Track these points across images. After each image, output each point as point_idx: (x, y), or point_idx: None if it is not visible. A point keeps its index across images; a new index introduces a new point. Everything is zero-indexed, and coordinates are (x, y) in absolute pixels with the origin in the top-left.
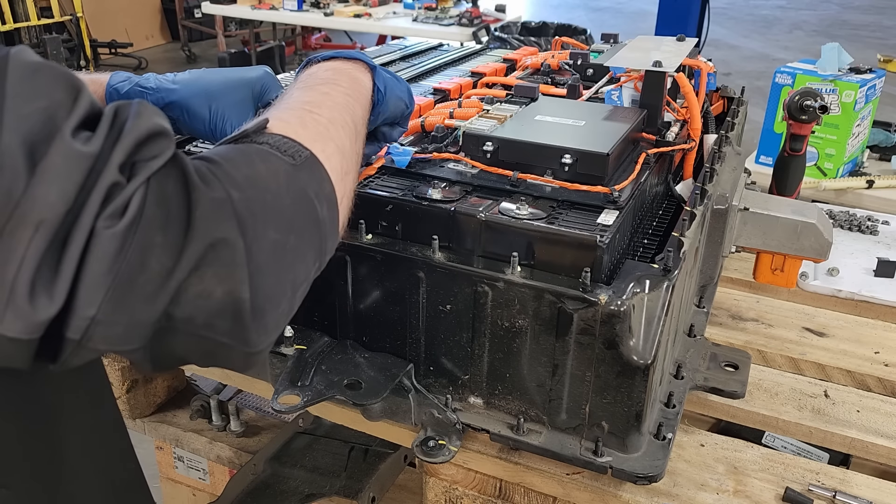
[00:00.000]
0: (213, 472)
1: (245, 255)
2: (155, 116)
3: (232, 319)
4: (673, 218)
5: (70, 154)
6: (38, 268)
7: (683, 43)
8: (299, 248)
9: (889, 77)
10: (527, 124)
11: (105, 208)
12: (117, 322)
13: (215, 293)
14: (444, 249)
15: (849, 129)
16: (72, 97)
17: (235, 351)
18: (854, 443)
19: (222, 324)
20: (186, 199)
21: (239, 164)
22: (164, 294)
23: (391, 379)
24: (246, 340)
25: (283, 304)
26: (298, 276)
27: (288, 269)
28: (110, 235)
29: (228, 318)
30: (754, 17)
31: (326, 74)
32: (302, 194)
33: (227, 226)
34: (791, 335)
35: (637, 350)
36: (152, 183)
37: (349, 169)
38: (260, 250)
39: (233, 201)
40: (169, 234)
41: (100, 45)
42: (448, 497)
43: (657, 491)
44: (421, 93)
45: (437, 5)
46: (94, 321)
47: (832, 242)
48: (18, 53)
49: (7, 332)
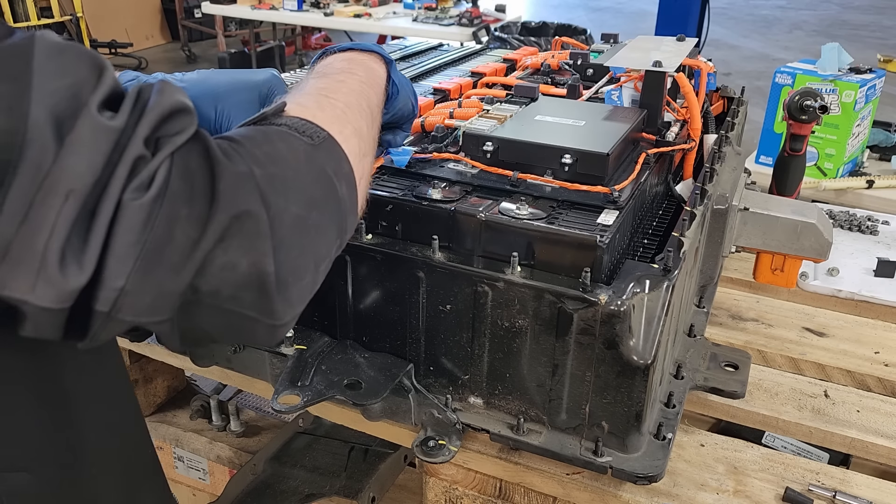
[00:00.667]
0: (213, 472)
1: (269, 228)
2: (177, 94)
3: (257, 291)
4: (673, 218)
5: (97, 127)
6: (69, 237)
7: (683, 43)
8: (321, 223)
9: (889, 77)
10: (527, 124)
11: (131, 181)
12: (145, 292)
13: (240, 265)
14: (444, 249)
15: (849, 129)
16: (96, 75)
17: (261, 324)
18: (854, 443)
19: (248, 296)
20: (210, 172)
21: (259, 142)
22: (190, 265)
23: (391, 379)
24: (271, 312)
25: (307, 278)
26: (321, 251)
27: (311, 244)
28: (137, 206)
29: (254, 291)
30: (754, 17)
31: (342, 64)
32: (321, 172)
33: (251, 198)
34: (791, 335)
35: (637, 350)
36: (176, 157)
37: (366, 151)
38: (282, 224)
39: (255, 176)
40: (194, 207)
41: (100, 45)
42: (448, 497)
43: (657, 491)
44: (421, 93)
45: (437, 5)
46: (123, 292)
47: (832, 242)
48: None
49: (39, 302)
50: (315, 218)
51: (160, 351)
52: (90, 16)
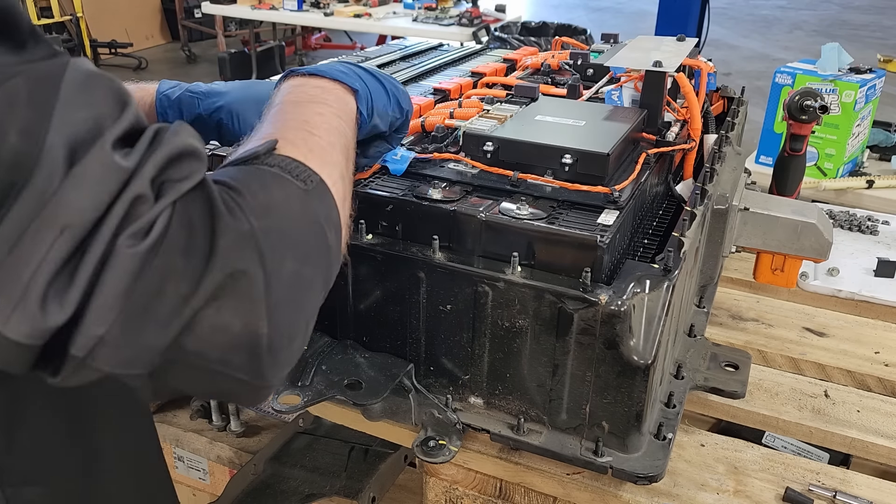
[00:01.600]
0: (213, 472)
1: (264, 288)
2: (191, 137)
3: (248, 355)
4: (673, 218)
5: (107, 163)
6: (57, 273)
7: (683, 43)
8: (313, 277)
9: (889, 77)
10: (527, 124)
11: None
12: (125, 345)
13: (233, 326)
14: (444, 249)
15: (849, 129)
16: (119, 109)
17: (247, 386)
18: (854, 443)
19: (237, 359)
20: (211, 226)
21: (256, 191)
22: (177, 322)
23: (391, 379)
24: (261, 375)
25: (299, 339)
26: (311, 308)
27: (303, 301)
28: (132, 254)
29: (244, 354)
30: (754, 17)
31: (315, 92)
32: (315, 221)
33: (249, 257)
34: (791, 335)
35: (637, 350)
36: (179, 206)
37: (347, 195)
38: (279, 283)
39: (254, 232)
40: (190, 260)
41: (100, 45)
42: (448, 497)
43: (657, 491)
44: (421, 93)
45: (437, 5)
46: (102, 341)
47: (832, 242)
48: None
49: (11, 335)
50: (308, 272)
51: None
52: (90, 16)
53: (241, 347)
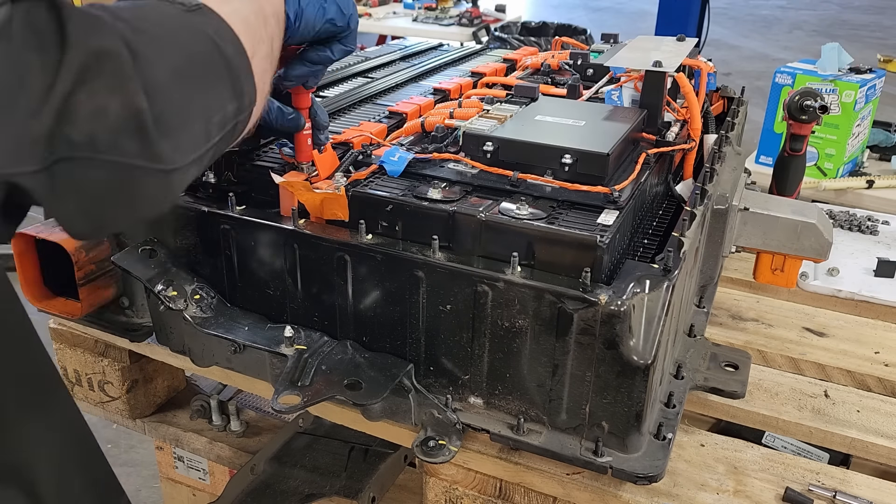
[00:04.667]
0: (213, 472)
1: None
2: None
3: (136, 134)
4: (673, 218)
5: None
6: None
7: (683, 43)
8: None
9: (889, 77)
10: (527, 124)
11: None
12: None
13: (110, 107)
14: (444, 249)
15: (849, 129)
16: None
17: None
18: (854, 443)
19: (127, 141)
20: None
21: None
22: (47, 108)
23: (391, 379)
24: (157, 156)
25: (196, 124)
26: (210, 103)
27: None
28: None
29: (131, 133)
30: (754, 17)
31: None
32: (199, 31)
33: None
34: (791, 335)
35: (637, 350)
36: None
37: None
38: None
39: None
40: (45, 53)
41: None
42: (448, 497)
43: (657, 491)
44: (421, 93)
45: (437, 5)
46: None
47: (832, 242)
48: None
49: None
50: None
51: (160, 351)
52: None
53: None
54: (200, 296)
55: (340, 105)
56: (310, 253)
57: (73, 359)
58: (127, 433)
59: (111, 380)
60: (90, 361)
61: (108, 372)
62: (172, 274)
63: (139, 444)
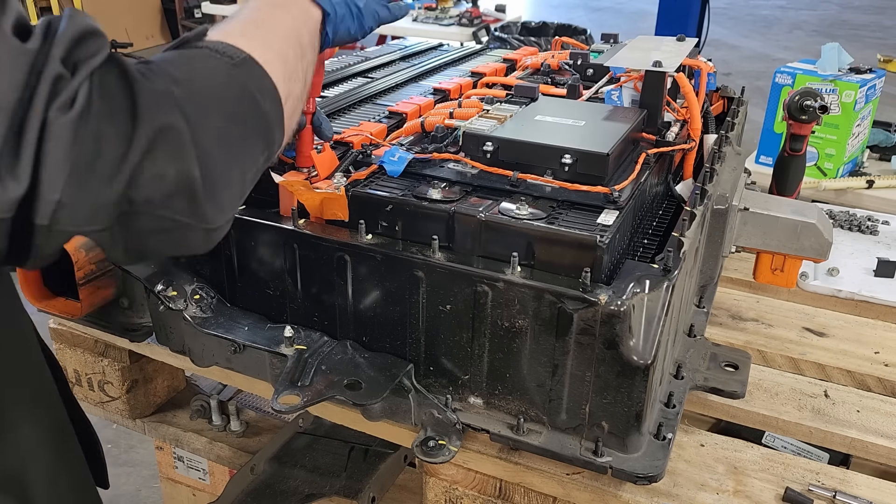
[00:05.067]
0: (213, 472)
1: (191, 139)
2: (87, 18)
3: (187, 197)
4: (673, 218)
5: (12, 48)
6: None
7: (683, 43)
8: (245, 136)
9: (889, 77)
10: (527, 124)
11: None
12: (81, 204)
13: (168, 173)
14: (444, 249)
15: (849, 129)
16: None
17: (194, 228)
18: (854, 443)
19: (179, 202)
20: (129, 91)
21: (177, 63)
22: (121, 176)
23: (391, 379)
24: (203, 216)
25: (235, 186)
26: (247, 161)
27: (236, 154)
28: (63, 124)
29: (184, 196)
30: (754, 17)
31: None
32: (242, 88)
33: (171, 112)
34: (791, 335)
35: (637, 350)
36: (95, 78)
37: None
38: (205, 135)
39: (173, 93)
40: (118, 124)
41: None
42: (448, 497)
43: (657, 491)
44: (421, 93)
45: (437, 5)
46: (60, 204)
47: (832, 242)
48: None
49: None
50: (238, 131)
51: (160, 351)
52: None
53: (181, 191)
54: (200, 296)
55: (340, 105)
56: (310, 253)
57: (73, 359)
58: (127, 433)
59: (111, 380)
60: (90, 361)
61: (108, 372)
62: (172, 274)
63: (139, 444)
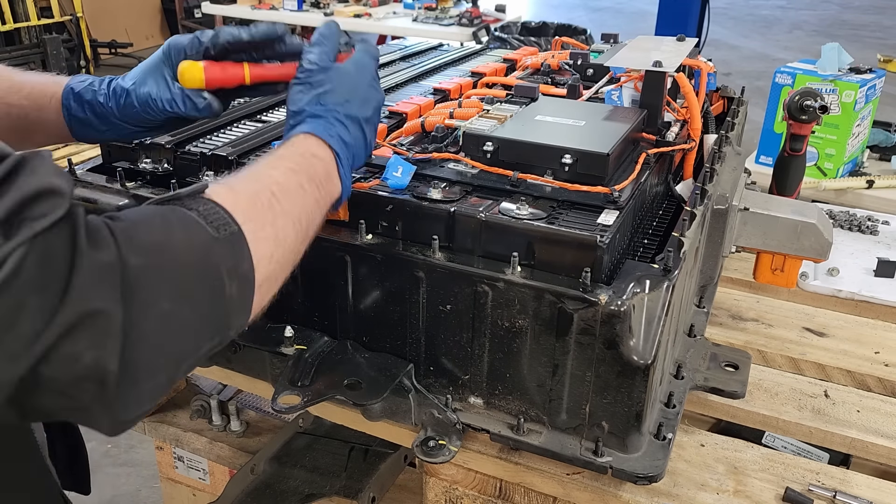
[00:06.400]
0: (213, 472)
1: (121, 327)
2: (51, 175)
3: (98, 386)
4: (673, 218)
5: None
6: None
7: (683, 43)
8: (193, 320)
9: (889, 77)
10: (527, 124)
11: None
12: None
13: (84, 358)
14: (444, 249)
15: (849, 129)
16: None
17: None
18: (854, 443)
19: (87, 388)
20: (69, 263)
21: (153, 228)
22: (28, 356)
23: (391, 379)
24: (110, 409)
25: (161, 377)
26: (186, 348)
27: (175, 341)
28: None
29: (94, 384)
30: (754, 17)
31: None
32: (212, 269)
33: (107, 295)
34: (791, 335)
35: (637, 350)
36: (37, 242)
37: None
38: (145, 319)
39: (124, 267)
40: (45, 297)
41: (100, 45)
42: (448, 497)
43: (657, 491)
44: (421, 93)
45: (437, 5)
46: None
47: (832, 242)
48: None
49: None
50: (186, 314)
51: None
52: (90, 16)
53: (90, 379)
54: None
55: None
56: (310, 253)
57: None
58: (127, 433)
59: None
60: None
61: None
62: None
63: (139, 444)
